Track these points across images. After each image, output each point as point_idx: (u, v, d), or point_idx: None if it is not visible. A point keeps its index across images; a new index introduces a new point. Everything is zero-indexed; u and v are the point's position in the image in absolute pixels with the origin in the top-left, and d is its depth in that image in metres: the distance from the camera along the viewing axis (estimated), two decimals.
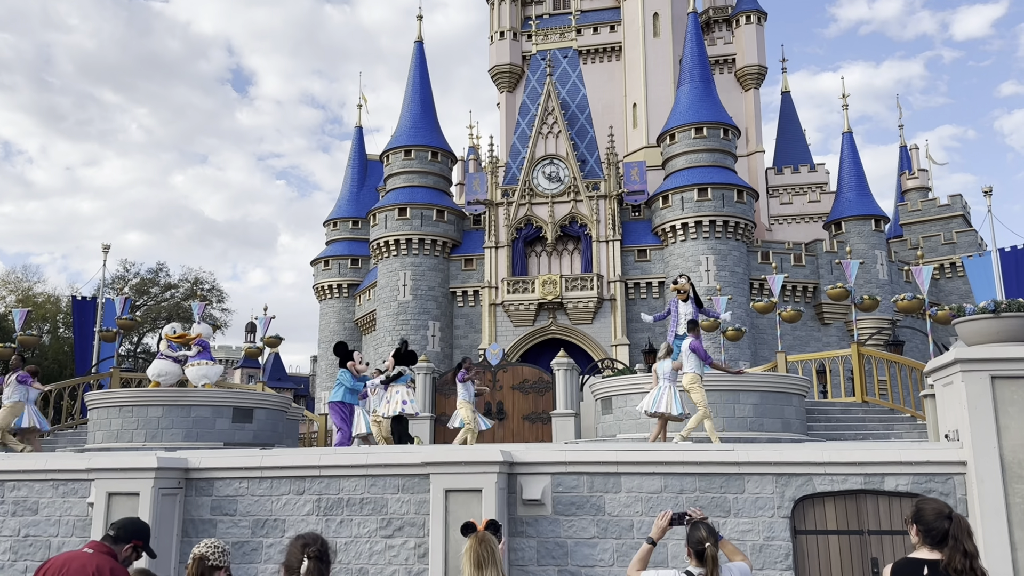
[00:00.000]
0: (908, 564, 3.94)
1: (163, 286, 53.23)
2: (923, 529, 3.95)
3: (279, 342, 21.96)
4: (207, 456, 11.26)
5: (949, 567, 3.79)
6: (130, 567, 4.12)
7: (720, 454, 10.01)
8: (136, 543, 4.07)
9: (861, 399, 16.18)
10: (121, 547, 4.02)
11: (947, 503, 4.07)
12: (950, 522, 3.89)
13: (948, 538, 3.85)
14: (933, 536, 3.91)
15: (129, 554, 4.06)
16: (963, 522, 3.91)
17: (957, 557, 3.78)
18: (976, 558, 3.80)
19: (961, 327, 10.60)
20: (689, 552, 4.39)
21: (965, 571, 3.77)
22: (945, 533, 3.86)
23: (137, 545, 4.08)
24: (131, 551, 4.07)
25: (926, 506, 4.02)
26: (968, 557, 3.78)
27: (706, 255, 36.49)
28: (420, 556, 10.30)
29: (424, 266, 39.20)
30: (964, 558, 3.77)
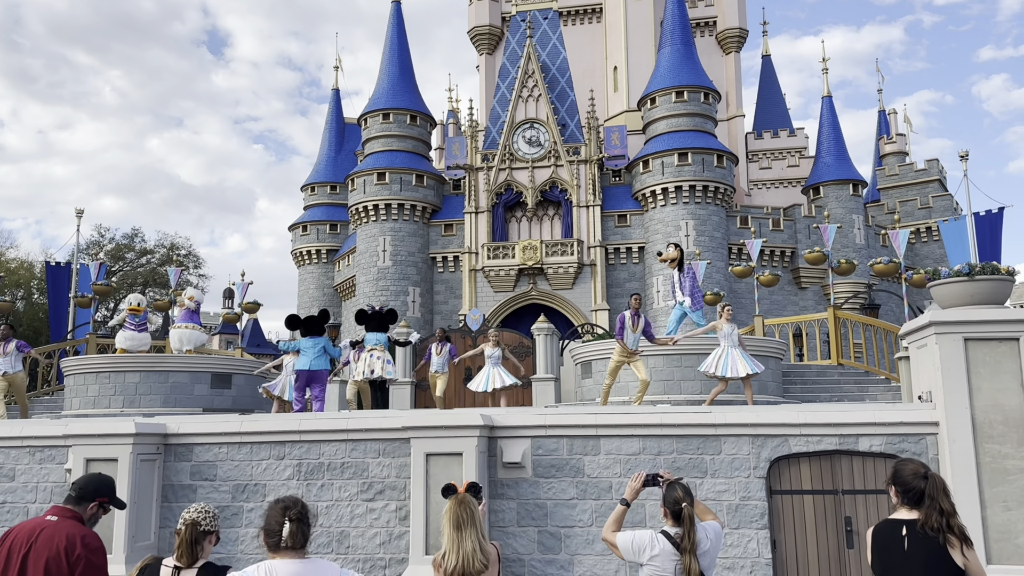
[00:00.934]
0: (887, 525, 4.01)
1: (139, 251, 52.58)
2: (901, 490, 4.00)
3: (257, 308, 21.81)
4: (186, 422, 11.22)
5: (926, 526, 3.85)
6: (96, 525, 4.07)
7: (697, 416, 10.12)
8: (101, 500, 4.02)
9: (837, 362, 16.40)
10: (85, 506, 3.96)
11: (924, 463, 4.11)
12: (926, 481, 3.94)
13: (924, 497, 3.90)
14: (911, 496, 3.96)
15: (95, 511, 4.00)
16: (939, 481, 3.95)
17: (933, 516, 3.83)
18: (953, 516, 3.86)
19: (936, 290, 10.73)
20: (665, 512, 4.43)
21: (942, 529, 3.82)
22: (922, 493, 3.92)
23: (103, 502, 4.03)
24: (97, 508, 4.02)
25: (904, 467, 4.07)
26: (944, 515, 3.84)
27: (686, 220, 36.57)
28: (401, 519, 10.39)
29: (404, 231, 38.97)
30: (940, 516, 3.83)
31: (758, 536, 9.76)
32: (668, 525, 4.42)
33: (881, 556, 3.93)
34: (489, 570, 4.55)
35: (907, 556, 3.85)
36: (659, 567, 4.30)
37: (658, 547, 4.33)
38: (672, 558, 4.28)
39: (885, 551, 3.91)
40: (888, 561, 3.89)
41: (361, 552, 10.39)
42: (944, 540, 3.81)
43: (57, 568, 3.65)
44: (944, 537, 3.82)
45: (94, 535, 3.88)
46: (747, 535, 9.76)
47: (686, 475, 9.98)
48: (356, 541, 10.43)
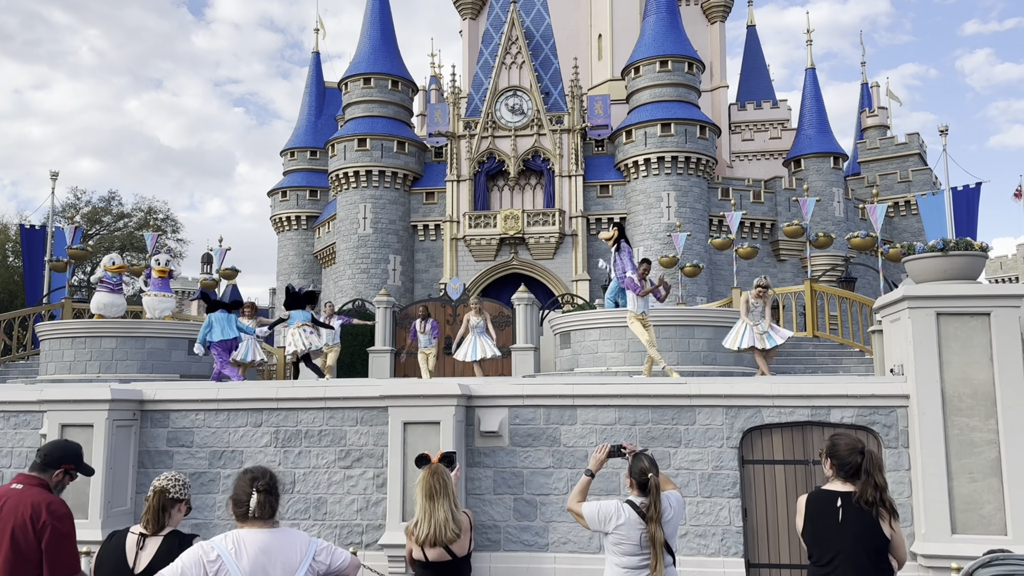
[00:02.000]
0: (822, 495, 4.13)
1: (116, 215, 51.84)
2: (837, 463, 4.13)
3: (235, 274, 21.64)
4: (162, 388, 11.17)
5: (861, 499, 4.00)
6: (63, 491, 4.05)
7: (673, 387, 10.22)
8: (67, 467, 4.00)
9: (812, 334, 16.59)
10: (51, 473, 3.94)
11: (859, 439, 4.25)
12: (863, 457, 4.07)
13: (860, 472, 4.02)
14: (846, 470, 4.09)
15: (61, 478, 3.99)
16: (875, 457, 4.11)
17: (869, 490, 3.98)
18: (885, 491, 4.02)
19: (910, 265, 10.85)
20: (631, 483, 4.50)
21: (875, 502, 3.99)
22: (858, 467, 4.05)
23: (68, 468, 4.02)
24: (63, 475, 4.00)
25: (840, 441, 4.21)
26: (878, 490, 3.99)
27: (667, 191, 36.58)
28: (379, 486, 10.45)
29: (384, 199, 38.68)
30: (875, 491, 3.98)
31: (730, 505, 9.93)
32: (634, 495, 4.49)
33: (814, 524, 4.09)
34: (461, 539, 4.61)
35: (840, 526, 4.00)
36: (624, 536, 4.37)
37: (624, 516, 4.40)
38: (638, 527, 4.36)
39: (819, 520, 4.07)
40: (820, 529, 4.05)
41: (338, 519, 10.47)
42: (876, 513, 3.95)
43: (24, 537, 3.64)
44: (877, 510, 3.96)
45: (60, 502, 3.87)
46: (719, 504, 9.93)
47: (660, 445, 10.11)
48: (333, 508, 10.50)
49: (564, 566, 9.98)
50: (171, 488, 3.86)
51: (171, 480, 3.89)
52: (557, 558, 10.02)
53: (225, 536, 3.36)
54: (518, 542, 10.14)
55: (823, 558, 4.01)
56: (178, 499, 3.86)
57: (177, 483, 3.89)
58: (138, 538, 3.74)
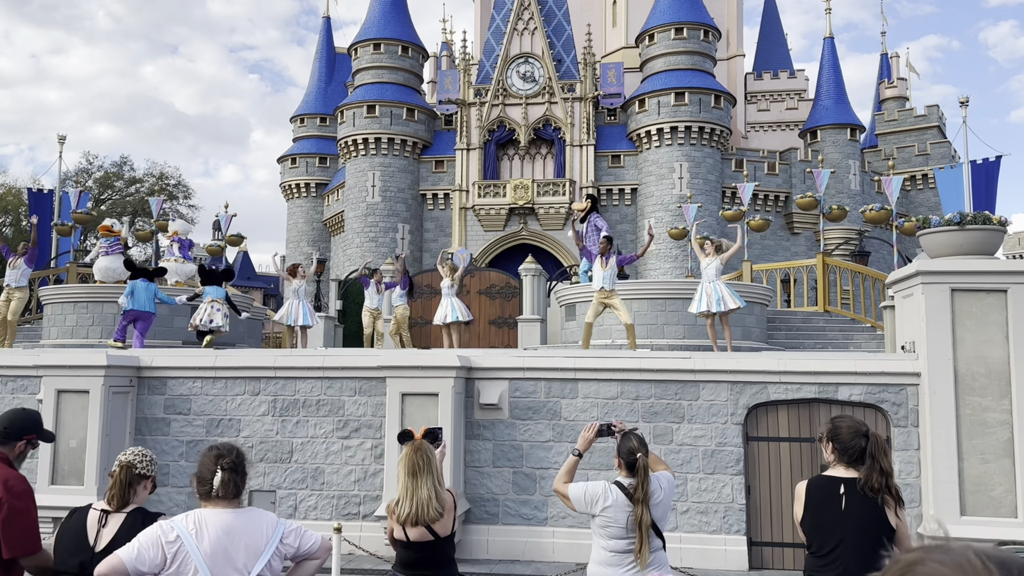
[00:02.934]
0: (824, 482, 3.89)
1: (128, 180, 51.75)
2: (839, 447, 3.87)
3: (241, 240, 21.47)
4: (159, 355, 11.05)
5: (866, 485, 3.74)
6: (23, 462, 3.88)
7: (677, 362, 9.99)
8: (28, 437, 3.83)
9: (823, 309, 16.28)
10: (13, 445, 3.77)
11: (862, 420, 3.98)
12: (867, 440, 3.82)
13: (865, 456, 3.78)
14: (849, 454, 3.83)
15: (23, 449, 3.81)
16: (880, 440, 3.85)
17: (874, 476, 3.73)
18: (891, 476, 3.77)
19: (925, 239, 10.51)
20: (619, 463, 4.29)
21: (881, 489, 3.73)
22: (862, 451, 3.80)
23: (30, 439, 3.84)
24: (25, 446, 3.83)
25: (842, 424, 3.93)
26: (884, 475, 3.74)
27: (680, 162, 36.03)
28: (376, 457, 10.33)
29: (393, 167, 38.34)
30: (880, 476, 3.73)
31: (733, 482, 9.74)
32: (622, 476, 4.28)
33: (815, 512, 3.84)
34: (444, 518, 4.42)
35: (843, 515, 3.76)
36: (611, 518, 4.17)
37: (611, 498, 4.20)
38: (625, 509, 4.15)
39: (820, 508, 3.82)
40: (822, 518, 3.81)
41: (336, 489, 10.37)
42: (882, 501, 3.72)
43: None
44: (882, 498, 3.72)
45: (19, 478, 3.70)
46: (722, 480, 9.75)
47: (663, 420, 9.91)
48: (331, 478, 10.40)
49: (563, 541, 9.85)
50: (138, 463, 3.67)
51: (138, 455, 3.70)
52: (556, 532, 9.89)
53: (186, 515, 3.18)
54: (517, 516, 10.02)
55: (823, 548, 3.78)
56: (145, 475, 3.68)
57: (144, 458, 3.71)
58: (100, 515, 3.56)
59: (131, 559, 3.00)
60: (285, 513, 10.37)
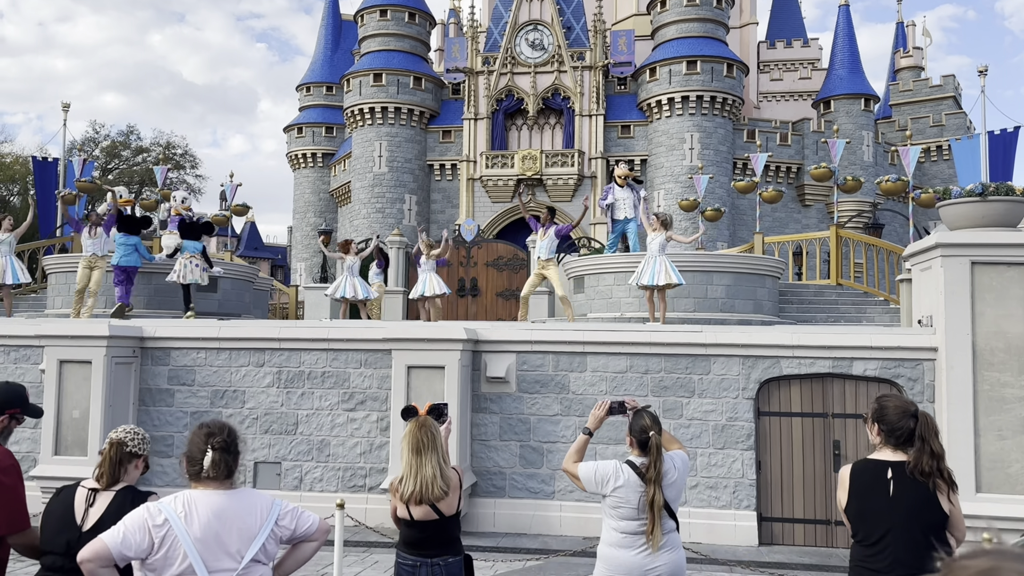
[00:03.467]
0: (870, 466, 3.64)
1: (134, 149, 51.49)
2: (886, 429, 3.62)
3: (246, 210, 21.26)
4: (163, 325, 10.92)
5: (915, 469, 3.50)
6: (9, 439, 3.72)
7: (688, 335, 9.80)
8: (12, 412, 3.67)
9: (836, 282, 16.02)
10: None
11: (910, 400, 3.72)
12: (916, 421, 3.56)
13: (914, 438, 3.54)
14: (897, 436, 3.59)
15: (7, 424, 3.66)
16: (930, 421, 3.59)
17: (924, 459, 3.48)
18: (943, 459, 3.52)
19: (945, 210, 10.23)
20: (631, 441, 4.11)
21: (932, 472, 3.48)
22: (911, 433, 3.56)
23: (14, 413, 3.68)
24: (8, 420, 3.67)
25: (889, 403, 3.68)
26: (935, 458, 3.49)
27: (691, 132, 35.51)
28: (382, 429, 10.21)
29: (400, 137, 37.93)
30: (931, 459, 3.48)
31: (743, 457, 9.59)
32: (634, 455, 4.10)
33: (860, 498, 3.60)
34: (449, 496, 4.26)
35: (892, 500, 3.52)
36: (622, 499, 4.00)
37: (622, 478, 4.02)
38: (637, 489, 3.98)
39: (866, 493, 3.58)
40: (869, 504, 3.57)
41: (342, 461, 10.27)
42: (933, 485, 3.48)
43: None
44: (933, 482, 3.48)
45: (5, 453, 3.55)
46: (732, 455, 9.60)
47: (673, 394, 9.74)
48: (337, 450, 10.30)
49: (570, 515, 9.75)
50: (129, 441, 3.51)
51: (130, 432, 3.54)
52: (563, 506, 9.79)
53: (175, 497, 3.02)
54: (523, 489, 9.91)
55: (870, 536, 3.54)
56: (136, 454, 3.52)
57: (136, 436, 3.54)
58: (88, 493, 3.41)
59: (116, 544, 2.84)
60: (290, 485, 10.29)
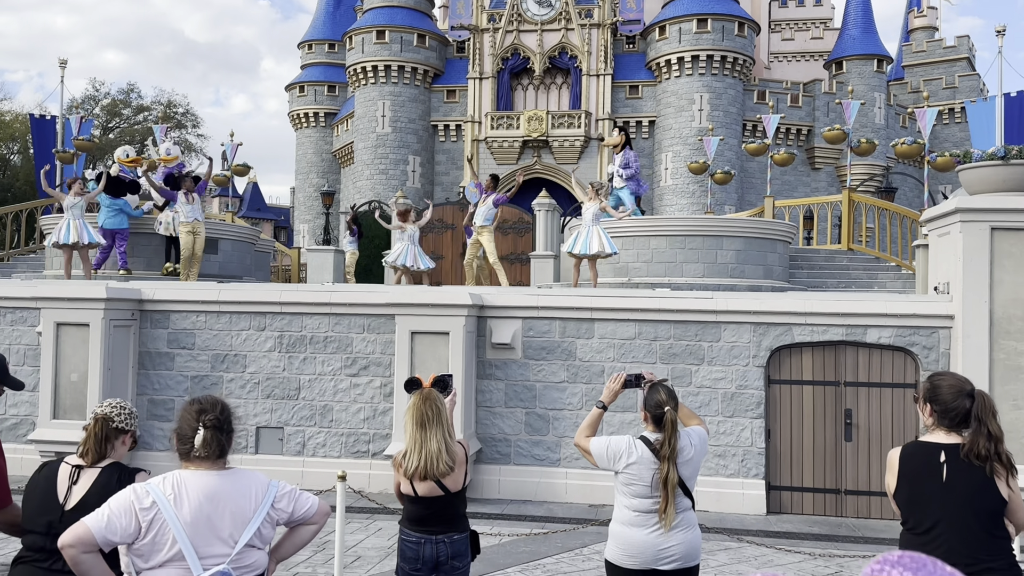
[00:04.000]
0: (921, 449, 3.39)
1: (135, 108, 50.88)
2: (939, 409, 3.36)
3: (247, 170, 20.94)
4: (161, 288, 10.72)
5: (971, 453, 3.24)
6: None
7: (698, 302, 9.57)
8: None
9: (847, 247, 15.74)
10: None
11: (966, 377, 3.46)
12: (972, 401, 3.30)
13: (971, 419, 3.28)
14: (952, 417, 3.34)
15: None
16: (987, 400, 3.32)
17: (981, 441, 3.23)
18: (1001, 441, 3.26)
19: (965, 174, 9.92)
20: (646, 416, 3.89)
21: (989, 456, 3.23)
22: (966, 413, 3.30)
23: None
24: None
25: (943, 382, 3.40)
26: (993, 440, 3.23)
27: (700, 93, 34.85)
28: (386, 395, 10.06)
29: (404, 96, 37.33)
30: (989, 442, 3.23)
31: (752, 425, 9.43)
32: (648, 430, 3.89)
33: (911, 484, 3.34)
34: (455, 472, 4.08)
35: (946, 486, 3.27)
36: (635, 475, 3.80)
37: (635, 454, 3.82)
38: (651, 466, 3.78)
39: (917, 479, 3.33)
40: (921, 490, 3.32)
41: (344, 426, 10.14)
42: (990, 470, 3.24)
43: None
44: (991, 466, 3.23)
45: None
46: (741, 424, 9.44)
47: (682, 362, 9.55)
48: (340, 416, 10.16)
49: (576, 482, 9.63)
50: (115, 416, 3.30)
51: (116, 407, 3.33)
52: (569, 474, 9.66)
53: (164, 478, 2.82)
54: (529, 456, 9.78)
55: (922, 524, 3.30)
56: (123, 429, 3.31)
57: (123, 411, 3.33)
58: (72, 470, 3.22)
59: (100, 528, 2.65)
60: (293, 450, 10.18)
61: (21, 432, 10.36)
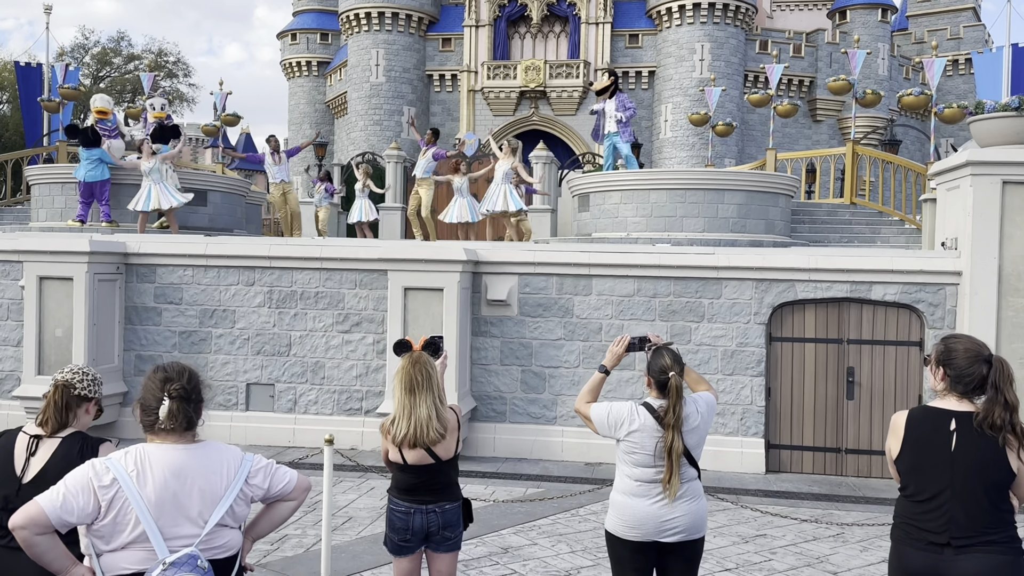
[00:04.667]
0: (930, 415, 3.18)
1: (125, 57, 49.73)
2: (952, 375, 3.14)
3: (238, 120, 20.36)
4: (147, 241, 10.42)
5: (985, 422, 3.04)
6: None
7: (700, 258, 9.31)
8: None
9: (850, 201, 15.41)
10: None
11: (982, 341, 3.22)
12: (989, 367, 3.08)
13: (987, 386, 3.06)
14: (966, 383, 3.13)
15: None
16: (1006, 367, 3.10)
17: (997, 411, 3.02)
18: (1016, 411, 3.05)
19: (976, 126, 9.58)
20: (649, 382, 3.66)
21: (1004, 426, 3.02)
22: (982, 380, 3.08)
23: None
24: None
25: (958, 345, 3.18)
26: (1009, 410, 3.02)
27: (701, 43, 34.05)
28: (379, 352, 9.85)
29: (398, 44, 36.44)
30: (1005, 411, 3.02)
31: (752, 383, 9.26)
32: (652, 396, 3.65)
33: (917, 450, 3.15)
34: (447, 439, 3.86)
35: (954, 456, 3.08)
36: (637, 444, 3.58)
37: (637, 421, 3.59)
38: (654, 434, 3.55)
39: (924, 446, 3.14)
40: (926, 458, 3.13)
41: (337, 384, 9.95)
42: (1003, 440, 3.03)
43: None
44: (1003, 437, 3.03)
45: None
46: (741, 382, 9.26)
47: (681, 319, 9.33)
48: (332, 373, 9.96)
49: (572, 440, 9.48)
50: (77, 383, 3.05)
51: (78, 373, 3.08)
52: (565, 432, 9.51)
53: (126, 452, 2.58)
54: (525, 414, 9.61)
55: (922, 492, 3.13)
56: (86, 397, 3.07)
57: (86, 377, 3.08)
58: (30, 440, 2.98)
59: (54, 507, 2.41)
60: (284, 408, 10.00)
61: (6, 388, 10.16)
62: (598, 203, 12.76)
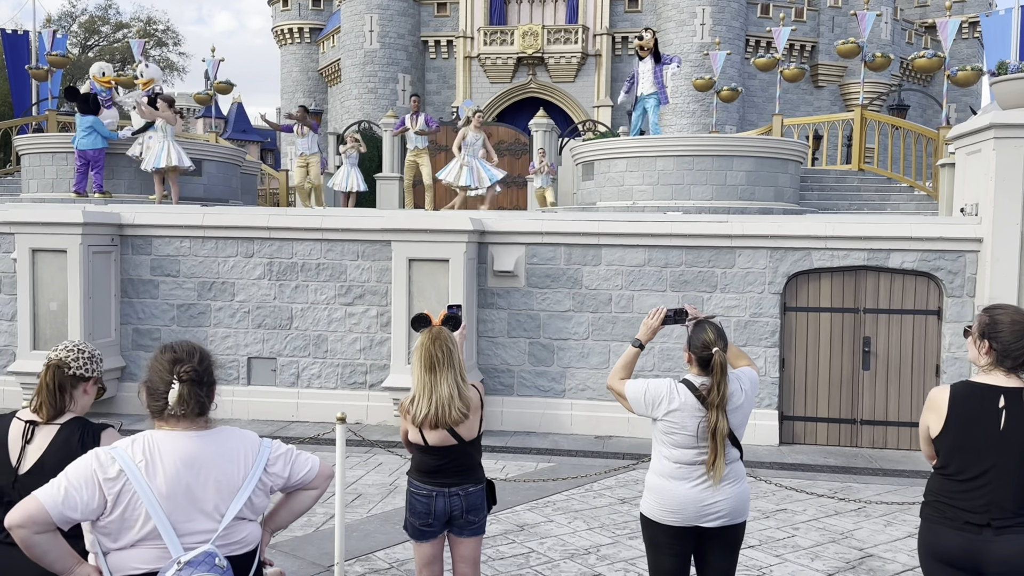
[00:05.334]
0: (976, 390, 2.97)
1: (114, 25, 48.80)
2: (999, 348, 2.93)
3: (230, 88, 19.88)
4: (142, 212, 10.11)
5: None
6: None
7: (713, 226, 9.06)
8: None
9: (858, 167, 15.12)
10: None
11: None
12: None
13: None
14: (1015, 358, 2.92)
15: None
16: None
17: None
18: None
19: (1000, 87, 9.28)
20: (690, 358, 3.41)
21: None
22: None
23: None
24: None
25: (1003, 317, 2.97)
26: None
27: (702, 6, 33.40)
28: (383, 325, 9.61)
29: (392, 9, 35.69)
30: None
31: (767, 354, 9.06)
32: (693, 372, 3.41)
33: (962, 428, 2.95)
34: (470, 419, 3.63)
35: (1003, 435, 2.88)
36: (677, 424, 3.34)
37: (678, 400, 3.35)
38: (695, 414, 3.32)
39: (970, 423, 2.93)
40: (972, 437, 2.93)
41: (340, 357, 9.73)
42: None
43: None
44: None
45: None
46: (755, 353, 9.05)
47: (693, 289, 9.09)
48: (335, 346, 9.73)
49: (581, 413, 9.30)
50: (72, 362, 2.79)
51: (73, 351, 2.82)
52: (574, 405, 9.32)
53: (134, 440, 2.34)
54: (533, 387, 9.41)
55: (965, 472, 2.94)
56: (83, 376, 2.81)
57: (82, 355, 2.82)
58: (25, 427, 2.73)
59: (55, 503, 2.17)
60: (287, 381, 9.78)
61: (1, 363, 9.91)
62: (603, 171, 12.45)
